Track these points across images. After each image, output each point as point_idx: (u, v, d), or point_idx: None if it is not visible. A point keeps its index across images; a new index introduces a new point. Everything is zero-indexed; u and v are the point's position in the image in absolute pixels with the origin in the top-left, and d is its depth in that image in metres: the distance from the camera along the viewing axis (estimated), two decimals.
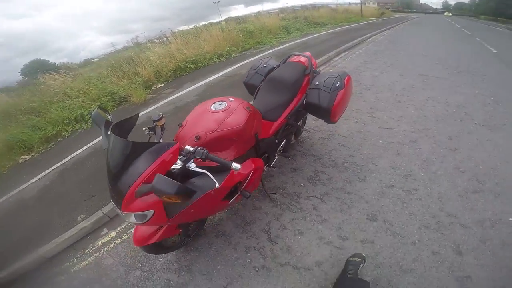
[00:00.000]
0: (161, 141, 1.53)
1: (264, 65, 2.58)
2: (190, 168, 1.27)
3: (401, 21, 21.79)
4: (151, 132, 1.58)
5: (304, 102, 2.28)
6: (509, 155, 2.65)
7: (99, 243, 2.40)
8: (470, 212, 2.05)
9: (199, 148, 1.29)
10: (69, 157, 3.85)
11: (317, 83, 2.22)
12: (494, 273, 1.62)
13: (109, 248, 2.31)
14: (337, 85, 2.16)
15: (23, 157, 4.25)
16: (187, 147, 1.32)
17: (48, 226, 2.64)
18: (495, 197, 2.16)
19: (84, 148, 4.03)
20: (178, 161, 1.28)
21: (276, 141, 2.22)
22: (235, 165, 1.25)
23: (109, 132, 1.32)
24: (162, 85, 6.43)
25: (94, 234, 2.52)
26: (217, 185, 1.29)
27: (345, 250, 1.86)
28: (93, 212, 2.65)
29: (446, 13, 58.34)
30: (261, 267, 1.85)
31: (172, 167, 1.28)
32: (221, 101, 1.78)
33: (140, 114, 3.51)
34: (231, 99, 1.80)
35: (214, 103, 1.77)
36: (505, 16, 38.34)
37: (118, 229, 2.49)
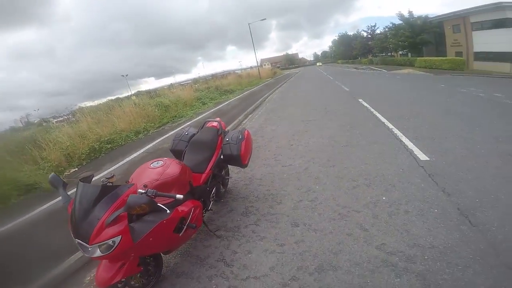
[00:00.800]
0: None
1: (186, 133, 3.21)
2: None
3: (289, 77, 27.86)
4: None
5: (222, 155, 3.04)
6: (366, 159, 4.06)
7: None
8: (357, 201, 3.00)
9: (149, 189, 1.78)
10: None
11: (227, 139, 3.05)
12: (397, 238, 2.33)
13: None
14: (240, 137, 3.04)
15: None
16: (140, 190, 1.79)
17: None
18: (367, 186, 3.27)
19: None
20: None
21: (208, 188, 2.80)
22: (178, 196, 1.82)
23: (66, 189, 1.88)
24: (76, 169, 5.86)
25: None
26: (168, 211, 1.78)
27: (286, 253, 2.40)
28: None
29: (318, 64, 73.67)
30: (228, 287, 2.13)
31: None
32: (158, 160, 2.33)
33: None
34: (165, 159, 2.38)
35: (152, 162, 2.30)
36: (352, 57, 54.76)
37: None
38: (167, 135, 7.53)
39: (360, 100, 8.76)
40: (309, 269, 2.19)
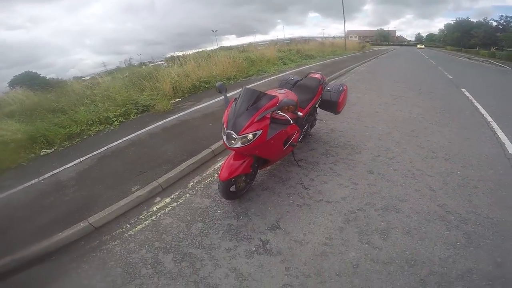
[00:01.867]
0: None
1: (292, 78, 3.69)
2: (278, 112, 2.29)
3: (379, 53, 24.97)
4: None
5: (320, 101, 3.47)
6: (451, 139, 3.89)
7: (154, 208, 2.81)
8: (432, 168, 3.09)
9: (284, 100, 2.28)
10: (105, 148, 4.29)
11: (329, 88, 3.48)
12: (459, 203, 2.51)
13: (166, 211, 2.74)
14: (340, 89, 3.42)
15: (44, 150, 4.50)
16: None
17: (97, 200, 2.93)
18: (445, 160, 3.26)
19: (120, 141, 4.49)
20: None
21: (304, 122, 3.22)
22: (299, 113, 2.33)
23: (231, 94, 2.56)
24: (180, 99, 7.09)
25: (147, 203, 2.92)
26: (291, 122, 2.32)
27: (357, 190, 2.73)
28: (148, 182, 3.12)
29: (419, 46, 60.56)
30: (302, 204, 2.61)
31: None
32: (281, 89, 3.00)
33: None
34: (286, 89, 3.03)
35: (277, 89, 2.99)
36: (468, 46, 45.66)
37: (172, 196, 2.99)
38: (253, 84, 8.22)
39: (463, 89, 7.50)
40: (376, 206, 2.52)
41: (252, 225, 2.40)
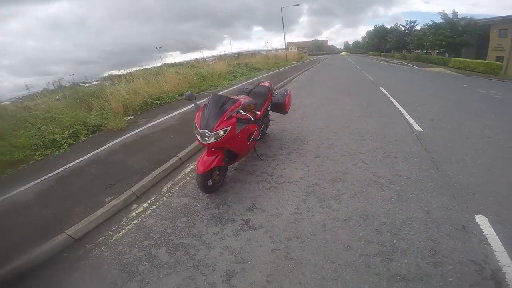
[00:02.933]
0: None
1: (246, 87, 4.28)
2: (241, 112, 2.83)
3: (315, 63, 28.02)
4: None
5: (271, 104, 4.18)
6: (374, 125, 5.01)
7: (133, 214, 2.95)
8: (361, 148, 4.03)
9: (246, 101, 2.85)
10: (60, 169, 4.14)
11: (276, 93, 4.25)
12: (385, 170, 3.43)
13: (147, 213, 2.91)
14: (285, 93, 4.23)
15: None
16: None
17: (69, 214, 2.90)
18: (371, 140, 4.27)
19: (77, 161, 4.37)
20: None
21: (260, 122, 3.86)
22: (257, 112, 2.99)
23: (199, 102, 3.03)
24: (132, 117, 6.97)
25: (124, 211, 3.03)
26: (252, 119, 2.95)
27: (310, 170, 3.43)
28: (122, 192, 3.22)
29: (341, 53, 68.23)
30: (270, 187, 3.15)
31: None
32: (242, 95, 3.68)
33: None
34: (245, 96, 3.67)
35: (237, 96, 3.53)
36: (385, 50, 52.29)
37: (149, 200, 3.17)
38: (206, 98, 8.50)
39: (381, 88, 9.38)
40: (326, 179, 3.23)
41: (233, 210, 2.81)
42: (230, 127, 2.74)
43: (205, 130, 2.70)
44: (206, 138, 2.70)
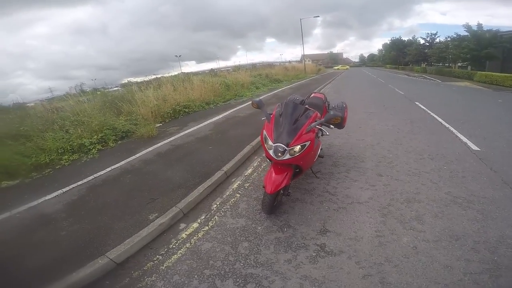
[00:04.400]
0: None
1: (297, 98, 3.90)
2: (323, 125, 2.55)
3: (335, 75, 27.68)
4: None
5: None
6: (428, 143, 4.60)
7: (183, 235, 2.59)
8: (424, 167, 3.64)
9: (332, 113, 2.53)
10: (91, 177, 3.90)
11: (333, 105, 3.75)
12: (459, 190, 3.03)
13: (200, 236, 2.56)
14: (343, 106, 3.72)
15: (6, 182, 3.88)
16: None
17: (108, 233, 2.58)
18: (431, 159, 3.88)
19: (109, 169, 4.13)
20: None
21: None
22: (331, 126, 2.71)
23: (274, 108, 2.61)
24: (160, 124, 6.77)
25: (171, 231, 2.69)
26: (327, 133, 2.73)
27: (378, 190, 3.07)
28: (167, 209, 2.88)
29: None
30: (338, 208, 2.79)
31: None
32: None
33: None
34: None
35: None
36: (403, 63, 51.11)
37: (199, 220, 2.82)
38: (236, 108, 8.47)
39: (416, 102, 8.97)
40: (399, 200, 2.89)
41: (301, 234, 2.46)
42: (309, 142, 2.41)
43: (280, 144, 2.36)
44: (280, 154, 2.36)
